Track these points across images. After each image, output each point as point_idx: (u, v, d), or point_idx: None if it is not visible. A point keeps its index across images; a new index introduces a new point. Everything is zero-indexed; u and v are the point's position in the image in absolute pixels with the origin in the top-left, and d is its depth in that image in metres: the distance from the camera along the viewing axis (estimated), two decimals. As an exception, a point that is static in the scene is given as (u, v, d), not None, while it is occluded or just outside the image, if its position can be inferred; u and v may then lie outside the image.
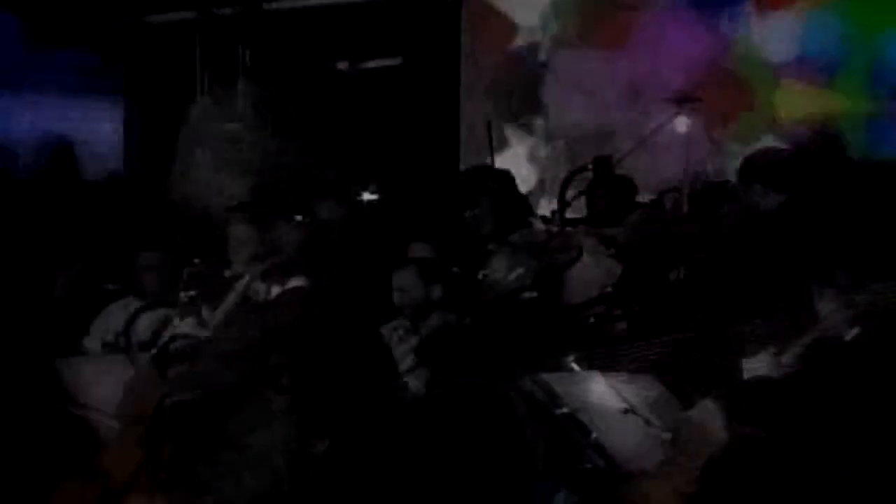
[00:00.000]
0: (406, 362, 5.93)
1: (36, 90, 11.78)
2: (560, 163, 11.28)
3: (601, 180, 8.70)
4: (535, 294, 5.30)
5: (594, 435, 4.77)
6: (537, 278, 5.28)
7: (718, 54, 10.79)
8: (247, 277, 5.03)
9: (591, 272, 5.57)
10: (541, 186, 11.40)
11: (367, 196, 9.52)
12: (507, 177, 9.94)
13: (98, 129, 12.15)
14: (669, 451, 4.55)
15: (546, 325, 5.21)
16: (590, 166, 8.80)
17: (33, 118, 11.34)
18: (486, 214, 8.37)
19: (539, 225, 7.45)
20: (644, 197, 8.95)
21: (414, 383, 5.36)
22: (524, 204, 9.01)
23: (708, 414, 4.39)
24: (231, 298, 5.01)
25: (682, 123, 9.86)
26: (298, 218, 9.02)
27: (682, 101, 10.31)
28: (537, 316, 5.23)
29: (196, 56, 12.70)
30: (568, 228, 7.08)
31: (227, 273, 7.90)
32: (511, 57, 11.99)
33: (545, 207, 10.48)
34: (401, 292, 6.60)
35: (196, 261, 5.83)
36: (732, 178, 8.03)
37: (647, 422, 4.82)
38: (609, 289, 5.59)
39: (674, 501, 4.42)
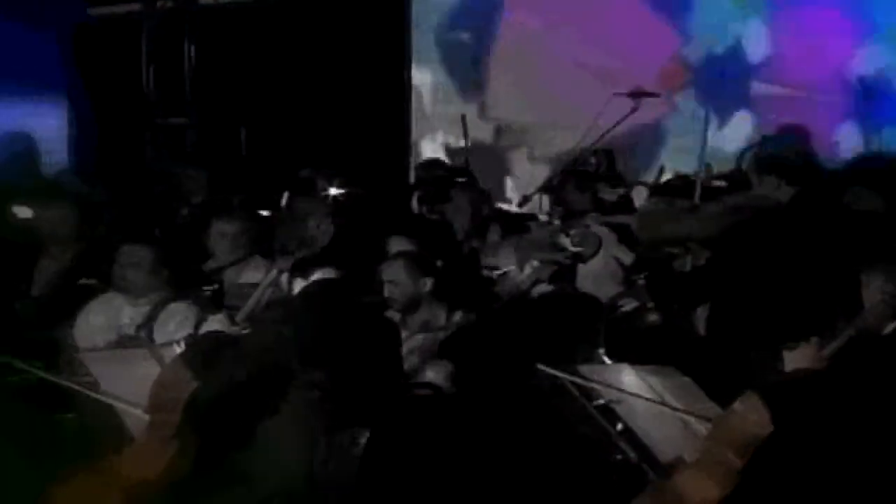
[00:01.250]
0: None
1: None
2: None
3: (605, 171, 8.77)
4: (551, 288, 5.31)
5: (629, 426, 4.81)
6: (556, 272, 5.30)
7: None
8: (274, 272, 4.98)
9: (606, 263, 5.59)
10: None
11: (333, 191, 9.48)
12: (468, 171, 10.03)
13: (43, 124, 11.98)
14: (705, 443, 4.57)
15: (574, 318, 5.23)
16: (592, 158, 8.84)
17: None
18: (459, 208, 8.41)
19: (542, 218, 7.48)
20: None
21: (434, 376, 5.34)
22: (489, 198, 9.10)
23: (751, 406, 4.42)
24: (259, 291, 4.96)
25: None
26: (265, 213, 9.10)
27: (639, 95, 10.38)
28: (563, 309, 5.25)
29: (141, 50, 12.67)
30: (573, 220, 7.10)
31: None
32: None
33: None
34: (392, 285, 6.57)
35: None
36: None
37: (677, 413, 4.84)
38: (642, 280, 5.63)
39: (714, 493, 4.44)
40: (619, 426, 4.81)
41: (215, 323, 4.91)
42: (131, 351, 5.50)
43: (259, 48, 12.25)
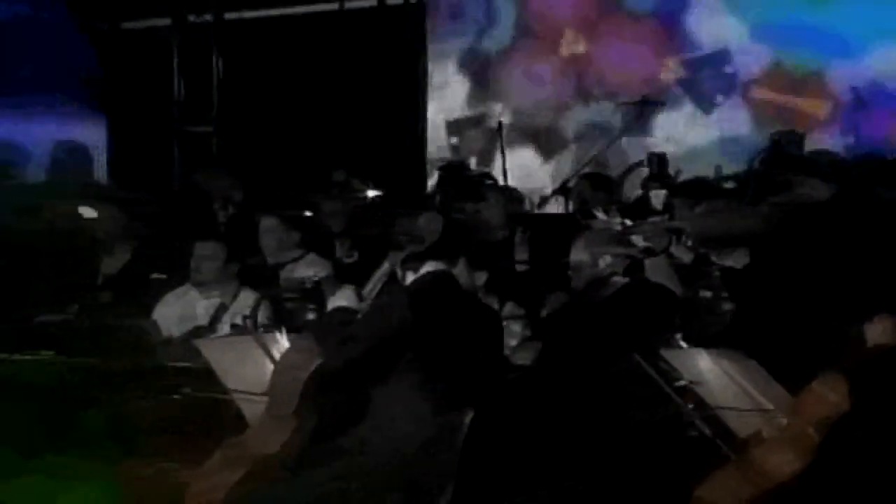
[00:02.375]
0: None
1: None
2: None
3: (657, 175, 8.89)
4: (626, 279, 5.42)
5: (706, 405, 4.92)
6: (630, 265, 5.41)
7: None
8: (387, 264, 5.07)
9: (662, 262, 5.69)
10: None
11: (370, 193, 9.59)
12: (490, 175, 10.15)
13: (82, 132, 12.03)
14: (786, 419, 4.68)
15: (651, 306, 5.34)
16: (645, 162, 8.97)
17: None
18: (493, 205, 8.51)
19: (601, 216, 7.57)
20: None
21: (524, 357, 5.46)
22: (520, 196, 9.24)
23: (830, 385, 4.54)
24: (373, 282, 5.04)
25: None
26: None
27: (646, 103, 10.52)
28: (640, 298, 5.35)
29: (172, 62, 12.71)
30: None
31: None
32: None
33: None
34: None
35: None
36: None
37: (748, 394, 4.96)
38: (717, 273, 5.75)
39: (795, 465, 4.55)
40: (695, 405, 4.91)
41: (342, 299, 4.95)
42: (241, 338, 5.55)
43: (282, 59, 12.30)
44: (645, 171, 9.42)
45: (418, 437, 4.85)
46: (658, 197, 8.77)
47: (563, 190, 9.79)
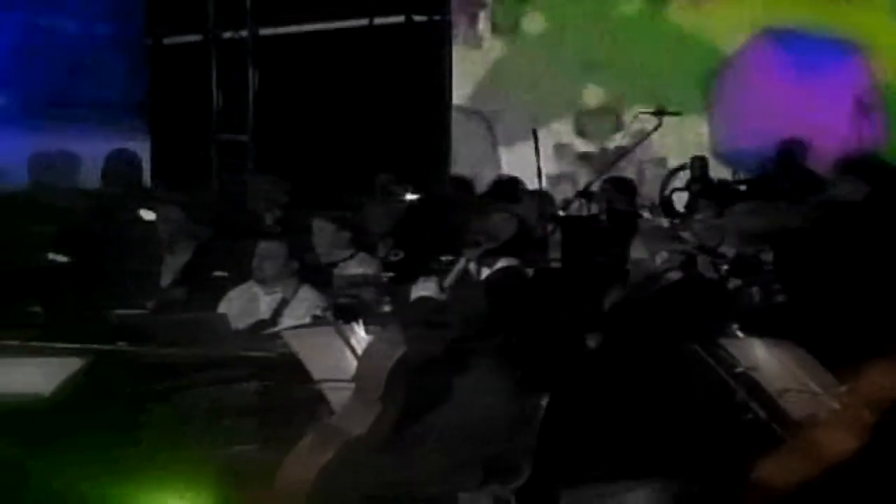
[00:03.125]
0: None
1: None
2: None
3: (699, 177, 8.98)
4: (681, 274, 5.50)
5: (762, 390, 5.00)
6: (686, 260, 5.49)
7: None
8: (463, 260, 5.13)
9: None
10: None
11: (409, 196, 9.66)
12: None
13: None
14: (842, 402, 4.77)
15: (706, 299, 5.43)
16: (688, 165, 9.07)
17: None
18: (529, 208, 8.60)
19: (648, 216, 7.68)
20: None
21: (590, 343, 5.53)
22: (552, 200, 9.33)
23: (883, 371, 4.62)
24: (451, 276, 5.10)
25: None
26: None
27: (661, 114, 10.58)
28: (697, 290, 5.44)
29: (212, 75, 12.78)
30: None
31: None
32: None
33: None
34: None
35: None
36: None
37: (800, 380, 5.05)
38: (771, 267, 5.84)
39: (851, 444, 4.63)
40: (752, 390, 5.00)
41: (425, 289, 5.01)
42: (323, 329, 5.64)
43: (314, 72, 12.37)
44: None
45: (497, 419, 4.94)
46: (681, 199, 8.89)
47: (585, 193, 9.86)
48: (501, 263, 5.10)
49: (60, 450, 5.78)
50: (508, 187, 9.38)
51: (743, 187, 8.96)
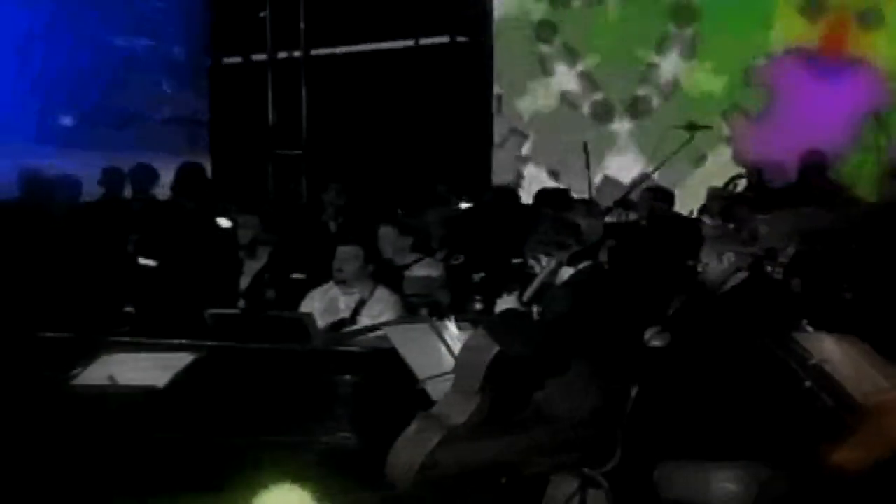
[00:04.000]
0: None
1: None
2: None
3: (756, 185, 9.07)
4: (746, 274, 5.58)
5: (832, 379, 5.09)
6: (753, 262, 5.58)
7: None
8: (552, 262, 5.20)
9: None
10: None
11: (463, 204, 9.76)
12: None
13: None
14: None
15: (777, 297, 5.52)
16: (745, 174, 9.15)
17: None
18: (581, 215, 8.69)
19: (708, 220, 7.76)
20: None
21: (658, 342, 5.62)
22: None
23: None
24: (541, 277, 5.18)
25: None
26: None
27: (693, 128, 10.64)
28: (765, 289, 5.52)
29: (267, 93, 12.88)
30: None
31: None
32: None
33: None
34: None
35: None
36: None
37: (867, 372, 5.13)
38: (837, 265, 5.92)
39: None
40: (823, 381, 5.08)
41: (508, 301, 5.10)
42: (419, 325, 5.72)
43: (363, 90, 12.46)
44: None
45: (589, 406, 5.02)
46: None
47: (624, 202, 9.93)
48: (585, 265, 5.17)
49: (173, 435, 5.90)
50: (560, 196, 9.46)
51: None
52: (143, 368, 5.72)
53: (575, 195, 9.92)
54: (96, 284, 7.86)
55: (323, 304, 7.43)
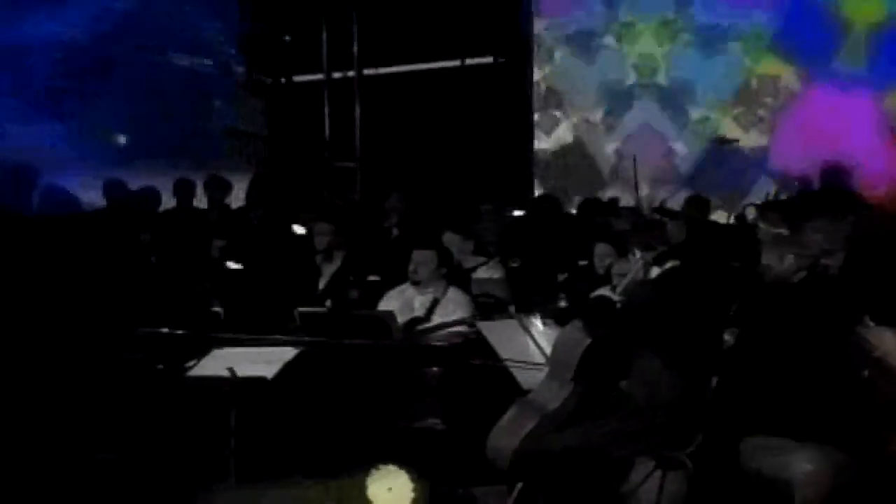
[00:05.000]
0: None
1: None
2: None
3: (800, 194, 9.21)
4: (804, 275, 5.67)
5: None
6: (812, 263, 5.67)
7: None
8: (641, 260, 5.34)
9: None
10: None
11: (517, 212, 9.88)
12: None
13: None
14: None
15: (841, 292, 5.61)
16: (796, 182, 9.28)
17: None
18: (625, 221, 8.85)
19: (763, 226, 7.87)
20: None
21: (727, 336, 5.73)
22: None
23: None
24: (630, 276, 5.31)
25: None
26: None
27: (722, 142, 10.78)
28: (828, 288, 5.61)
29: (324, 109, 13.03)
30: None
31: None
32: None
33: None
34: None
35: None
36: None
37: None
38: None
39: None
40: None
41: (604, 290, 5.22)
42: (509, 321, 5.85)
43: (412, 107, 12.58)
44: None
45: (670, 394, 5.13)
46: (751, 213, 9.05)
47: (662, 210, 10.05)
48: (670, 265, 5.30)
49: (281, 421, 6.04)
50: (607, 205, 9.61)
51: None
52: (252, 361, 5.84)
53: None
54: (186, 287, 8.02)
55: (399, 304, 7.55)
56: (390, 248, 9.05)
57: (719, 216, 10.09)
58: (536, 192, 12.08)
